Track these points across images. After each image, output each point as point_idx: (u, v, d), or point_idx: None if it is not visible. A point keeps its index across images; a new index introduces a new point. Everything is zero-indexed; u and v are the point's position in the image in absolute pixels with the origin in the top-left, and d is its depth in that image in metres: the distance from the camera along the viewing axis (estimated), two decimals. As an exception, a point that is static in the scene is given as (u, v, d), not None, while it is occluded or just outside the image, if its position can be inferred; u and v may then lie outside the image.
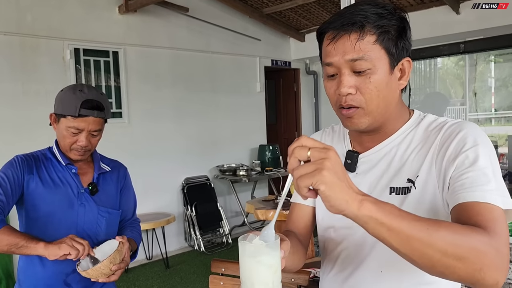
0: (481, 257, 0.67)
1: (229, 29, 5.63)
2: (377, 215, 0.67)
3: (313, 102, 7.02)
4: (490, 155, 0.85)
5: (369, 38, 0.87)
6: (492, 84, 6.44)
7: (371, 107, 0.91)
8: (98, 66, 4.60)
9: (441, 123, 0.95)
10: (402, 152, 0.97)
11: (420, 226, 0.67)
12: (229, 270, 1.90)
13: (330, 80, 0.94)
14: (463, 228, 0.70)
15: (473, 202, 0.78)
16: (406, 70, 0.94)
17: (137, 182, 4.87)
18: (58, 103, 1.64)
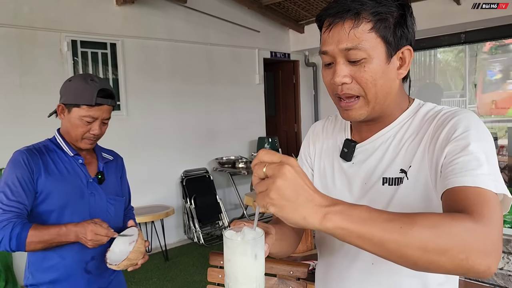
0: (465, 246, 0.64)
1: (227, 20, 5.59)
2: (343, 225, 0.64)
3: (313, 94, 6.99)
4: (483, 138, 0.82)
5: (365, 26, 0.85)
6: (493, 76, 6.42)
7: (370, 96, 0.89)
8: (96, 58, 4.57)
9: (436, 112, 0.93)
10: (397, 141, 0.95)
11: (393, 227, 0.64)
12: (227, 263, 1.89)
13: (327, 69, 0.93)
14: (443, 217, 0.66)
15: (462, 186, 0.74)
16: (407, 59, 0.91)
17: (136, 175, 4.88)
18: (68, 93, 1.63)
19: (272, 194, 0.64)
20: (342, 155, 1.03)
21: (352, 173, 1.00)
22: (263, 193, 0.65)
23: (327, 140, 1.11)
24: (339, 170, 1.04)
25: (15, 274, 3.92)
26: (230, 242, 0.75)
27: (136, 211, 4.58)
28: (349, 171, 1.01)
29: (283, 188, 0.64)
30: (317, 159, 1.10)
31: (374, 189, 0.95)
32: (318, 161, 1.10)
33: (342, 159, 1.03)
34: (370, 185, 0.96)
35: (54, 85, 4.25)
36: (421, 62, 6.24)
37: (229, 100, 5.76)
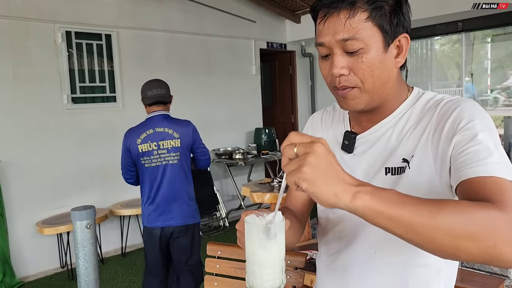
0: (493, 233, 0.63)
1: (223, 10, 5.55)
2: (373, 205, 0.64)
3: (309, 84, 6.97)
4: (489, 128, 0.82)
5: (361, 15, 0.84)
6: (488, 66, 6.41)
7: (367, 86, 0.88)
8: (91, 49, 4.53)
9: (438, 101, 0.92)
10: (399, 131, 0.94)
11: (422, 210, 0.64)
12: (225, 253, 1.89)
13: (324, 60, 0.92)
14: (470, 205, 0.66)
15: (477, 177, 0.74)
16: (404, 47, 0.90)
17: (132, 167, 4.84)
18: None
19: (305, 169, 0.64)
20: (343, 147, 1.03)
21: (353, 164, 1.00)
22: (294, 171, 0.65)
23: (327, 131, 1.10)
24: (341, 162, 1.01)
25: (13, 266, 3.92)
26: (254, 227, 0.74)
27: (134, 202, 4.62)
28: (350, 162, 1.01)
29: (315, 164, 0.64)
30: None
31: (376, 179, 0.94)
32: None
33: (344, 151, 1.03)
34: (372, 175, 0.96)
35: (48, 76, 4.24)
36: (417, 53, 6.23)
37: (226, 91, 5.73)
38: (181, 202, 2.78)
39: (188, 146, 2.83)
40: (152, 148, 2.74)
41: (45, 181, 4.21)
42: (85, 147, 4.46)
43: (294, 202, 1.12)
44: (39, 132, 4.17)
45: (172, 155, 2.76)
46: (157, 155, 2.74)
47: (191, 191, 2.87)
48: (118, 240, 4.67)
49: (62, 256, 4.21)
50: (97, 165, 4.54)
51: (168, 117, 2.86)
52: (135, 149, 2.77)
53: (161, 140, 2.75)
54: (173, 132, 2.79)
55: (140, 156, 2.76)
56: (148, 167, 2.76)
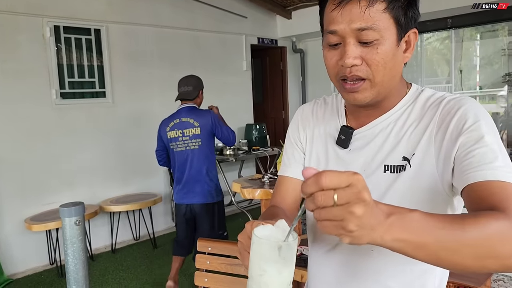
0: (508, 246, 0.63)
1: (214, 6, 5.52)
2: (401, 236, 0.60)
3: (300, 80, 6.97)
4: (494, 129, 0.81)
5: (379, 5, 0.81)
6: (477, 62, 6.46)
7: (378, 79, 0.85)
8: (80, 44, 4.48)
9: (439, 99, 0.90)
10: (399, 128, 0.92)
11: (446, 236, 0.62)
12: (215, 249, 1.89)
13: (332, 49, 0.87)
14: (487, 220, 0.64)
15: (484, 181, 0.74)
16: (412, 42, 0.88)
17: (122, 163, 4.85)
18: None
19: (352, 226, 0.56)
20: (338, 142, 1.00)
21: (349, 160, 0.97)
22: (336, 224, 0.56)
23: (318, 125, 1.07)
24: (335, 157, 1.00)
25: (1, 263, 3.88)
26: (268, 244, 0.64)
27: (124, 199, 4.59)
28: (345, 158, 0.98)
29: (364, 217, 0.56)
30: (309, 145, 1.07)
31: (374, 176, 0.92)
32: (310, 147, 1.06)
33: (338, 146, 1.00)
34: (370, 172, 0.93)
35: (37, 71, 4.19)
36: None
37: (216, 87, 5.70)
38: (202, 183, 3.26)
39: (209, 132, 3.26)
40: (178, 135, 3.25)
41: (33, 177, 4.16)
42: (74, 143, 4.42)
43: (284, 199, 1.08)
44: (27, 127, 4.13)
45: (193, 142, 3.23)
46: (182, 141, 3.25)
47: (212, 173, 3.31)
48: (108, 236, 4.64)
49: (51, 253, 4.18)
50: (86, 161, 4.50)
51: (192, 109, 3.30)
52: (165, 136, 3.33)
53: (185, 128, 3.24)
54: (194, 121, 3.23)
55: (169, 142, 3.31)
56: (176, 152, 3.29)
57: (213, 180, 3.32)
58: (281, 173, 1.11)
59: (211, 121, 3.24)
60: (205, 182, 3.26)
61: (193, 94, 3.32)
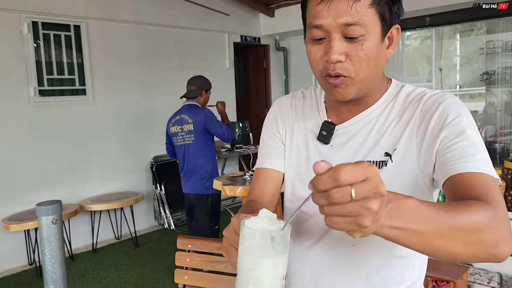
0: (495, 234, 0.64)
1: (196, 3, 5.48)
2: (398, 224, 0.59)
3: (283, 78, 6.99)
4: (474, 124, 0.83)
5: (365, 0, 0.80)
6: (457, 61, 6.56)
7: (360, 76, 0.84)
8: (59, 40, 4.41)
9: (420, 94, 0.91)
10: (381, 124, 0.92)
11: (442, 222, 0.62)
12: (195, 247, 1.88)
13: (316, 44, 0.85)
14: (475, 209, 0.66)
15: (467, 173, 0.75)
16: (394, 38, 0.88)
17: (103, 161, 4.79)
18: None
19: (367, 222, 0.53)
20: (320, 137, 0.98)
21: (331, 156, 0.96)
22: (351, 220, 0.54)
23: (298, 120, 1.05)
24: (316, 153, 0.99)
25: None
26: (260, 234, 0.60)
27: (105, 197, 4.54)
28: (327, 154, 0.97)
29: (380, 212, 0.55)
30: (288, 138, 1.05)
31: None
32: (290, 141, 1.04)
33: (320, 142, 0.98)
34: None
35: (14, 68, 4.10)
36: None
37: (199, 84, 5.68)
38: (198, 175, 3.54)
39: (201, 129, 3.49)
40: (178, 131, 3.55)
41: (11, 177, 4.08)
42: (53, 141, 4.34)
43: (263, 193, 1.05)
44: (4, 125, 4.04)
45: (189, 137, 3.51)
46: (181, 136, 3.54)
47: (208, 166, 3.55)
48: (88, 236, 4.58)
49: (29, 253, 4.10)
50: (67, 160, 4.43)
51: (192, 107, 3.57)
52: (169, 131, 3.64)
53: (183, 125, 3.52)
54: (189, 118, 3.51)
55: (172, 136, 3.63)
56: (176, 145, 3.61)
57: (208, 173, 3.54)
58: (259, 165, 1.08)
59: (203, 119, 3.45)
60: (200, 175, 3.52)
61: (195, 93, 3.59)
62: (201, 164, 3.52)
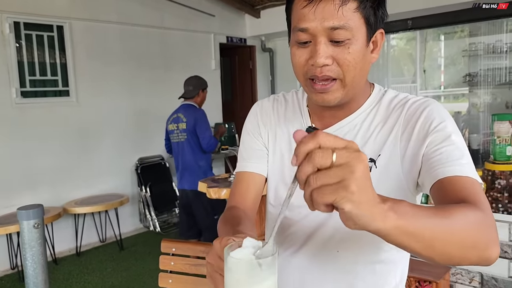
0: (486, 236, 0.64)
1: (182, 4, 5.45)
2: (400, 223, 0.56)
3: (269, 79, 6.99)
4: (457, 130, 0.84)
5: (351, 4, 0.79)
6: (442, 63, 6.65)
7: (348, 79, 0.83)
8: (42, 41, 4.34)
9: (403, 100, 0.91)
10: (365, 130, 0.92)
11: (439, 223, 0.61)
12: (179, 250, 1.87)
13: (301, 47, 0.84)
14: (467, 210, 0.65)
15: (454, 176, 0.75)
16: (379, 42, 0.88)
17: (88, 163, 4.72)
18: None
19: (353, 187, 0.50)
20: None
21: None
22: (336, 186, 0.51)
23: (280, 124, 1.03)
24: None
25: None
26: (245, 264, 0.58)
27: (89, 200, 4.49)
28: None
29: (365, 179, 0.52)
30: (271, 143, 1.03)
31: None
32: (273, 145, 1.02)
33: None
34: None
35: (-5, 69, 4.03)
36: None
37: (185, 85, 5.65)
38: (191, 171, 3.65)
39: (192, 128, 3.59)
40: (174, 128, 3.67)
41: (-8, 179, 4.01)
42: (36, 143, 4.27)
43: (244, 198, 1.02)
44: (-15, 127, 3.97)
45: (183, 135, 3.63)
46: (176, 134, 3.67)
47: (201, 163, 3.68)
48: (72, 239, 4.52)
49: (12, 257, 4.03)
50: (50, 162, 4.37)
51: (188, 107, 3.68)
52: (167, 128, 3.77)
53: (179, 123, 3.64)
54: (183, 117, 3.62)
55: (169, 133, 3.77)
56: (173, 142, 3.75)
57: (201, 169, 3.68)
58: (240, 169, 1.05)
59: (194, 120, 3.59)
60: (194, 171, 3.65)
61: (192, 93, 3.70)
62: (194, 162, 3.65)
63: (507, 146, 2.34)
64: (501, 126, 2.34)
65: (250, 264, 0.58)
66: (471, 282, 2.26)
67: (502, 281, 2.20)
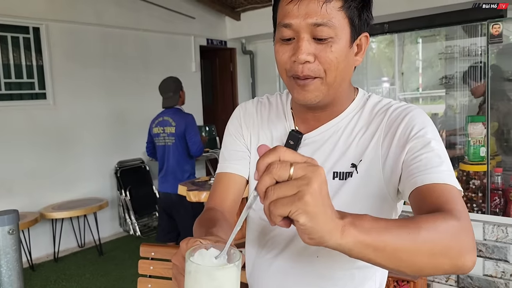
0: (460, 245, 0.64)
1: (160, 5, 5.42)
2: (361, 238, 0.56)
3: (250, 82, 7.00)
4: (438, 136, 0.84)
5: (335, 3, 0.80)
6: (420, 65, 6.76)
7: (330, 79, 0.83)
8: (17, 43, 4.26)
9: (386, 106, 0.92)
10: (348, 135, 0.92)
11: (402, 234, 0.60)
12: (158, 254, 1.85)
13: (284, 44, 0.84)
14: (437, 219, 0.65)
15: (432, 184, 0.75)
16: (363, 46, 0.88)
17: (65, 167, 4.64)
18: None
19: (308, 198, 0.51)
20: (287, 147, 0.96)
21: None
22: (292, 198, 0.52)
23: (263, 127, 1.02)
24: None
25: None
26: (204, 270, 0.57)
27: (67, 205, 4.41)
28: None
29: (321, 192, 0.53)
30: (253, 145, 1.02)
31: None
32: (255, 147, 1.00)
33: None
34: None
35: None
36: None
37: (165, 88, 5.61)
38: (176, 174, 3.61)
39: (181, 133, 3.56)
40: (160, 132, 3.63)
41: (-34, 184, 3.90)
42: (12, 147, 4.18)
43: (223, 199, 1.00)
44: (-42, 131, 3.86)
45: (170, 138, 3.60)
46: (162, 137, 3.63)
47: (186, 167, 3.66)
48: (50, 244, 4.43)
49: (-13, 264, 3.93)
50: (26, 166, 4.28)
51: (175, 111, 3.64)
52: (152, 131, 3.70)
53: (165, 126, 3.60)
54: (172, 121, 3.58)
55: (154, 137, 3.70)
56: (158, 146, 3.70)
57: (186, 174, 3.67)
58: (220, 169, 1.03)
59: (185, 125, 3.58)
60: (178, 174, 3.62)
61: (174, 100, 3.65)
62: (180, 166, 3.64)
63: (480, 147, 2.40)
64: (475, 127, 2.40)
65: (208, 270, 0.58)
66: (447, 280, 2.30)
67: (477, 279, 2.25)
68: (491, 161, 2.45)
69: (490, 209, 2.35)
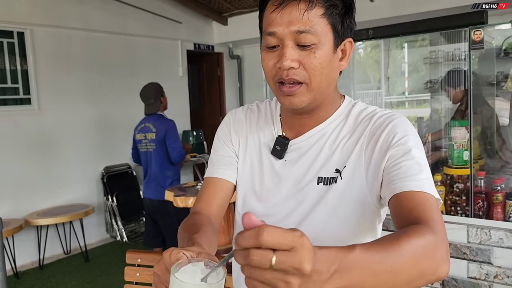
0: (435, 261, 0.65)
1: (147, 10, 5.40)
2: (343, 283, 0.55)
3: (237, 86, 7.01)
4: (420, 144, 0.86)
5: (317, 10, 0.82)
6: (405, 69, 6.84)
7: (315, 84, 0.85)
8: (1, 48, 4.21)
9: (371, 113, 0.94)
10: (333, 140, 0.94)
11: (383, 268, 0.59)
12: (145, 261, 1.83)
13: (270, 51, 0.87)
14: (414, 238, 0.64)
15: (410, 191, 0.77)
16: (348, 51, 0.90)
17: (50, 173, 4.59)
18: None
19: None
20: (274, 152, 0.98)
21: (284, 171, 0.97)
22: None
23: (252, 132, 1.04)
24: (270, 168, 0.99)
25: None
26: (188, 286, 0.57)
27: (52, 211, 4.36)
28: (281, 169, 0.97)
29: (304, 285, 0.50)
30: (242, 151, 1.04)
31: (307, 188, 0.93)
32: (244, 154, 1.04)
33: (274, 157, 0.99)
34: (303, 184, 0.93)
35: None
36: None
37: (152, 93, 5.58)
38: (159, 181, 3.62)
39: (161, 139, 3.55)
40: (142, 138, 3.64)
41: None
42: (-5, 153, 4.12)
43: (210, 203, 1.01)
44: None
45: (151, 145, 3.60)
46: (144, 144, 3.64)
47: (168, 173, 3.65)
48: (35, 252, 4.36)
49: (-30, 272, 3.85)
50: (10, 172, 4.22)
51: (157, 117, 3.62)
52: (135, 137, 3.71)
53: (147, 133, 3.61)
54: (153, 127, 3.58)
55: (137, 143, 3.71)
56: (141, 152, 3.71)
57: (168, 180, 3.66)
58: (209, 174, 1.04)
59: (165, 131, 3.56)
60: (161, 181, 3.63)
61: (156, 107, 3.63)
62: (162, 172, 3.63)
63: (464, 151, 2.44)
64: (458, 131, 2.44)
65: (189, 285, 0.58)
66: (432, 283, 2.33)
67: (461, 282, 2.28)
68: (474, 165, 2.49)
69: (474, 212, 2.39)
